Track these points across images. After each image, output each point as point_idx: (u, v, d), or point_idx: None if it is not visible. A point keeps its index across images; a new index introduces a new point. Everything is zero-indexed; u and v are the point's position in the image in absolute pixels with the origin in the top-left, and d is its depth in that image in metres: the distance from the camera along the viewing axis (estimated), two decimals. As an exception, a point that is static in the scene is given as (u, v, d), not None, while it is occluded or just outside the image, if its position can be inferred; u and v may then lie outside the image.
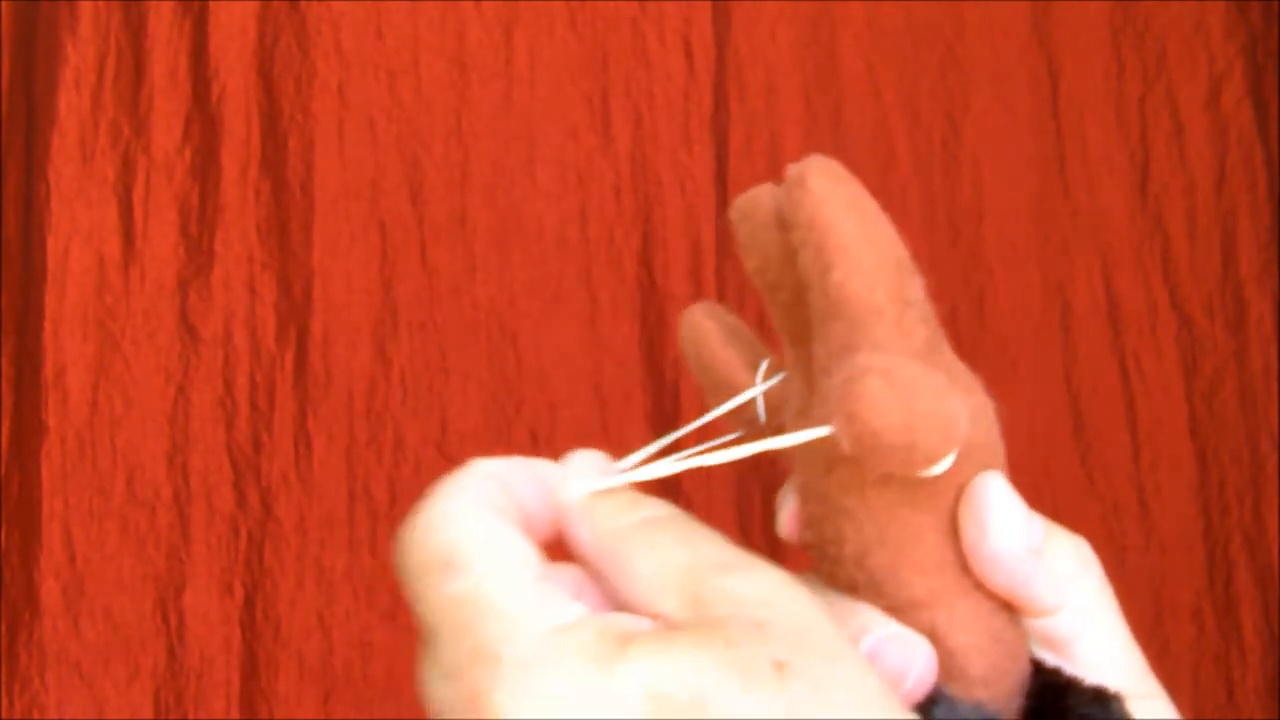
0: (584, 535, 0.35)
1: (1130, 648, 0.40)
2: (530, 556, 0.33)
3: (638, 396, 1.09)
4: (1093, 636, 0.40)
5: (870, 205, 0.38)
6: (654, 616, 0.32)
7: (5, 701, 0.98)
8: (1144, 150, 1.17)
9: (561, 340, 1.08)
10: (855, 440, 0.34)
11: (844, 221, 0.37)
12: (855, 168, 0.39)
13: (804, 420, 0.38)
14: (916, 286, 0.38)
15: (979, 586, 0.38)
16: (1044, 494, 1.11)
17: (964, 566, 0.37)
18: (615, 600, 0.34)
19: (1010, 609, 0.38)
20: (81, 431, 1.02)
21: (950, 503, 0.38)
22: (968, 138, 1.16)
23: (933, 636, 0.37)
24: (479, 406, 1.06)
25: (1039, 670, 0.39)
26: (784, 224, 0.38)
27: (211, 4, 1.09)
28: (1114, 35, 1.19)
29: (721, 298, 1.11)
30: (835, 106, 1.15)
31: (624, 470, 0.37)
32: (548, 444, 1.05)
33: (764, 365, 0.42)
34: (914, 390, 0.35)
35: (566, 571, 0.35)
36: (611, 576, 0.34)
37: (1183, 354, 1.14)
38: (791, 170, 0.38)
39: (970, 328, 1.12)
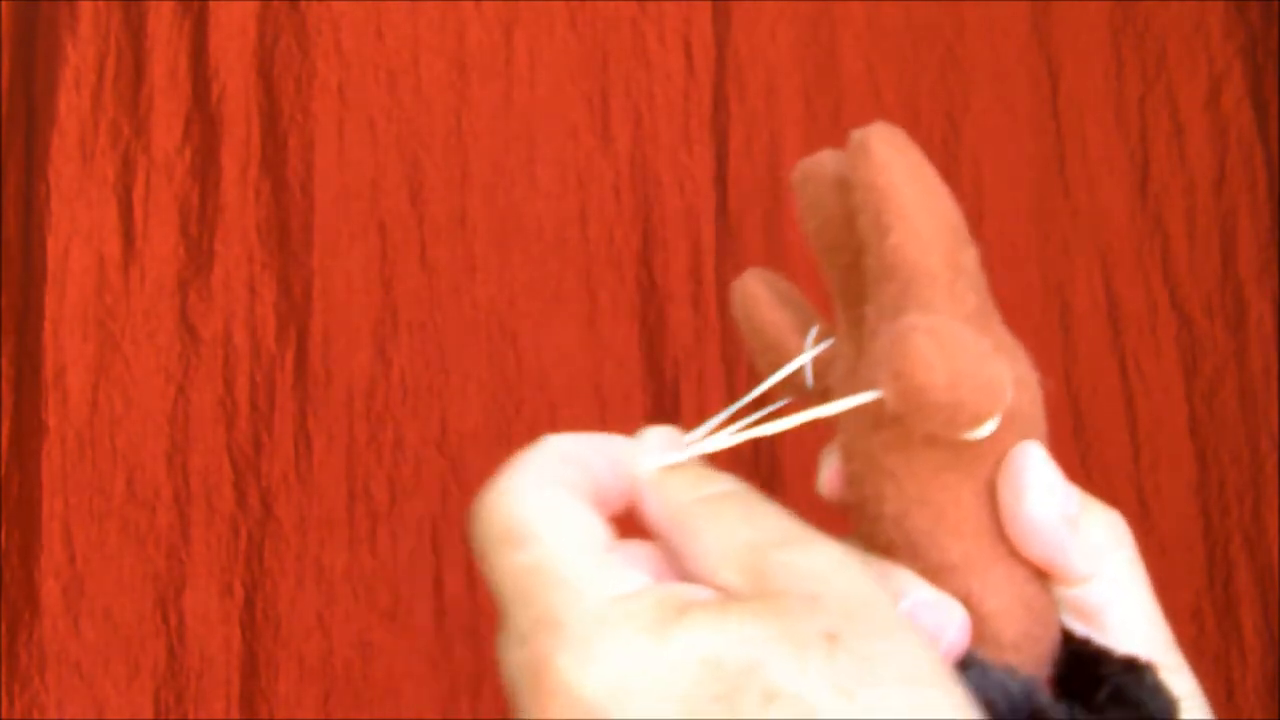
0: (654, 509, 0.36)
1: (1159, 621, 0.41)
2: (597, 530, 0.34)
3: (638, 396, 1.09)
4: (1123, 607, 0.40)
5: (930, 173, 0.38)
6: (716, 589, 0.33)
7: (5, 701, 0.98)
8: (1144, 150, 1.17)
9: (561, 340, 1.08)
10: (901, 397, 0.35)
11: (904, 187, 0.37)
12: None
13: (852, 382, 0.38)
14: (970, 256, 0.39)
15: (1013, 554, 0.38)
16: (1044, 494, 1.11)
17: (1000, 534, 0.38)
18: (684, 574, 0.35)
19: (1042, 577, 0.39)
20: (81, 431, 1.02)
21: (990, 469, 0.38)
22: (967, 138, 1.16)
23: (966, 601, 0.38)
24: (479, 406, 1.06)
25: (1069, 639, 0.40)
26: (845, 187, 0.39)
27: (211, 4, 1.09)
28: (1114, 35, 1.19)
29: (721, 297, 1.11)
30: (835, 106, 1.15)
31: (691, 444, 0.38)
32: (548, 444, 1.05)
33: (814, 331, 0.43)
34: (960, 350, 0.35)
35: (638, 547, 0.36)
36: (678, 549, 0.35)
37: (1183, 354, 1.14)
38: (855, 135, 0.38)
39: (970, 328, 1.12)
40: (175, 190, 1.07)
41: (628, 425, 0.42)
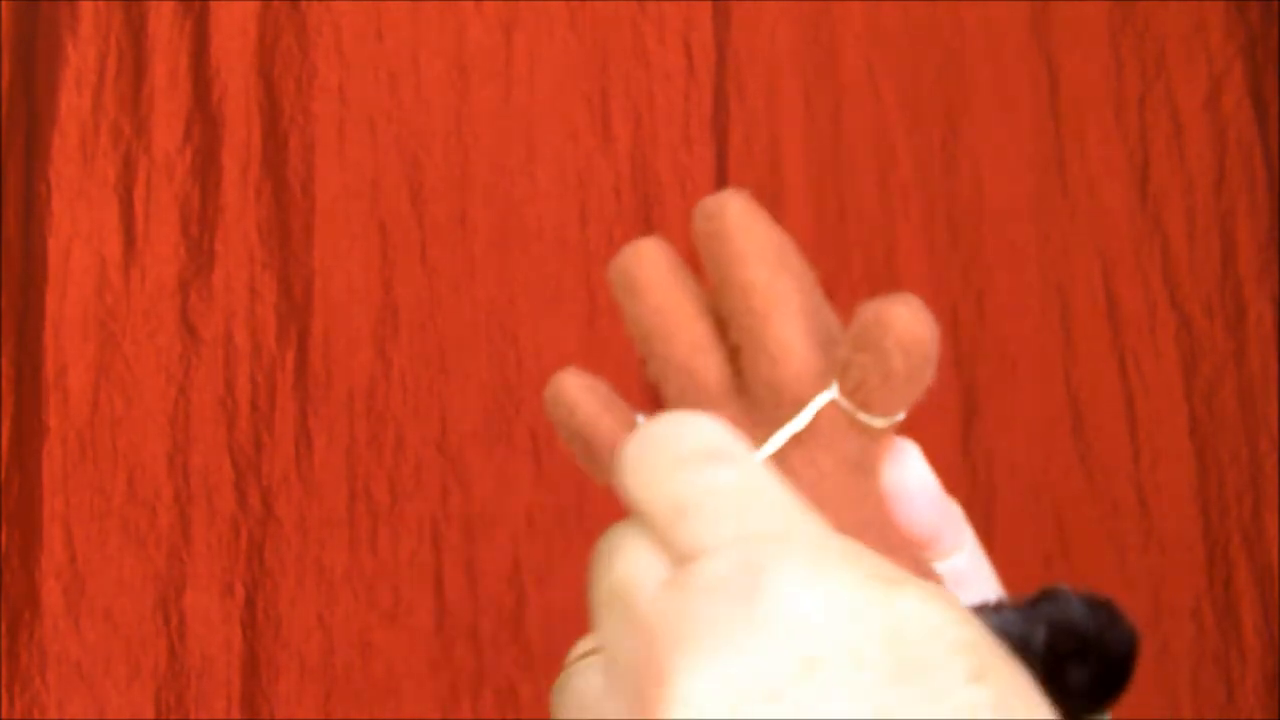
0: None
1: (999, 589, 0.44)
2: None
3: (638, 397, 1.09)
4: (980, 575, 0.43)
5: (775, 231, 0.44)
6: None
7: (6, 702, 0.98)
8: (1143, 150, 1.17)
9: (561, 340, 1.08)
10: (911, 352, 0.39)
11: (753, 243, 0.43)
12: (855, 168, 0.40)
13: (763, 415, 0.41)
14: (818, 294, 0.44)
15: (900, 546, 0.41)
16: (1043, 494, 1.11)
17: (886, 527, 0.41)
18: None
19: (921, 561, 0.42)
20: (82, 432, 1.03)
21: (877, 465, 0.41)
22: (967, 138, 1.16)
23: None
24: (479, 406, 1.07)
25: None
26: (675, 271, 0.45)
27: (212, 4, 1.09)
28: (1113, 35, 1.19)
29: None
30: (835, 106, 1.15)
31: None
32: (548, 444, 1.05)
33: (641, 418, 0.45)
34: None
35: None
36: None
37: (1182, 354, 1.14)
38: (708, 204, 0.44)
39: (970, 328, 1.12)
40: (176, 190, 1.07)
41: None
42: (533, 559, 1.04)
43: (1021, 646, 0.38)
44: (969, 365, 1.12)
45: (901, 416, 0.41)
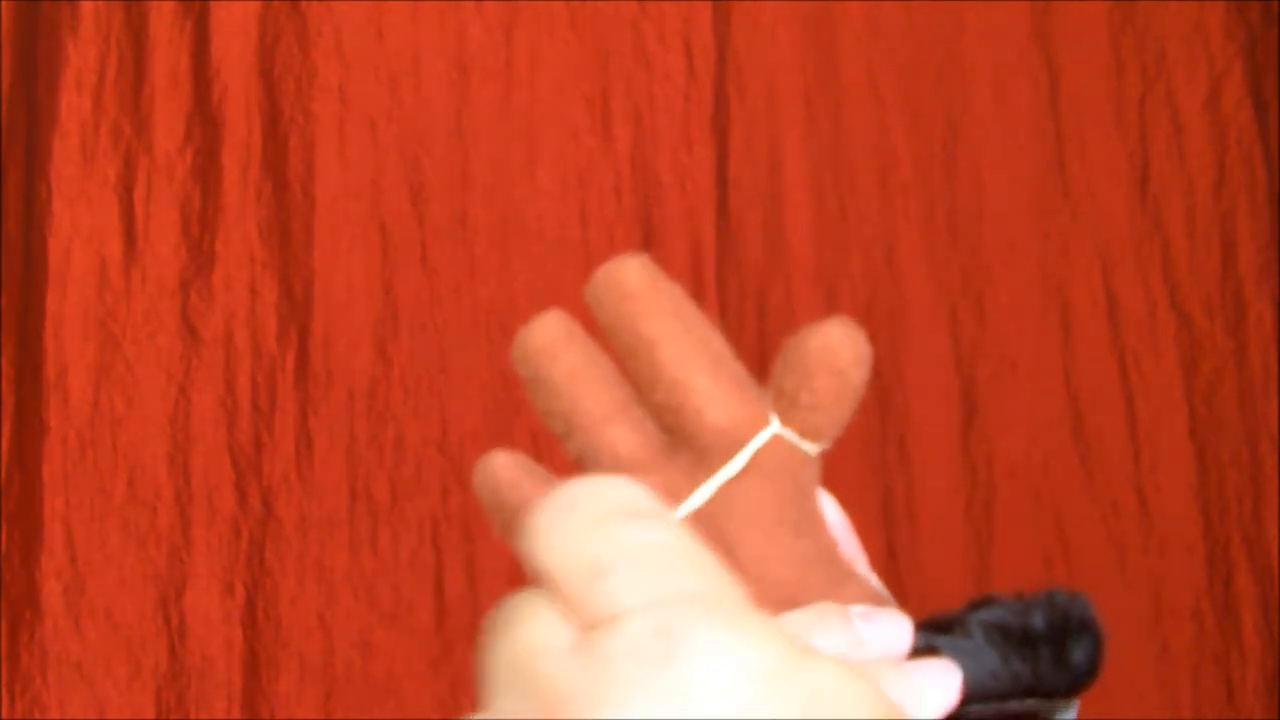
0: None
1: None
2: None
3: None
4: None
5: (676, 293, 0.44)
6: None
7: (6, 701, 0.98)
8: (1143, 150, 1.17)
9: (562, 340, 1.08)
10: (863, 367, 0.41)
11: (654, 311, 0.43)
12: (855, 168, 0.41)
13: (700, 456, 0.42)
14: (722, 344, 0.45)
15: (846, 575, 0.42)
16: (1044, 494, 1.11)
17: (832, 552, 0.42)
18: None
19: (868, 587, 0.43)
20: (83, 432, 1.03)
21: (814, 493, 0.43)
22: (967, 138, 1.16)
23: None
24: (479, 406, 1.07)
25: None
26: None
27: (213, 5, 1.09)
28: (1113, 36, 1.19)
29: (722, 297, 1.11)
30: (835, 106, 1.15)
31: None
32: (548, 444, 1.05)
33: None
34: None
35: None
36: None
37: (1182, 354, 1.14)
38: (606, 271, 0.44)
39: (970, 328, 1.12)
40: (176, 191, 1.07)
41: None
42: (533, 559, 1.04)
43: (1024, 632, 0.40)
44: (969, 365, 1.12)
45: (828, 444, 0.42)
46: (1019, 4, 1.19)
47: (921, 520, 1.09)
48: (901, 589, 0.45)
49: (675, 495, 0.41)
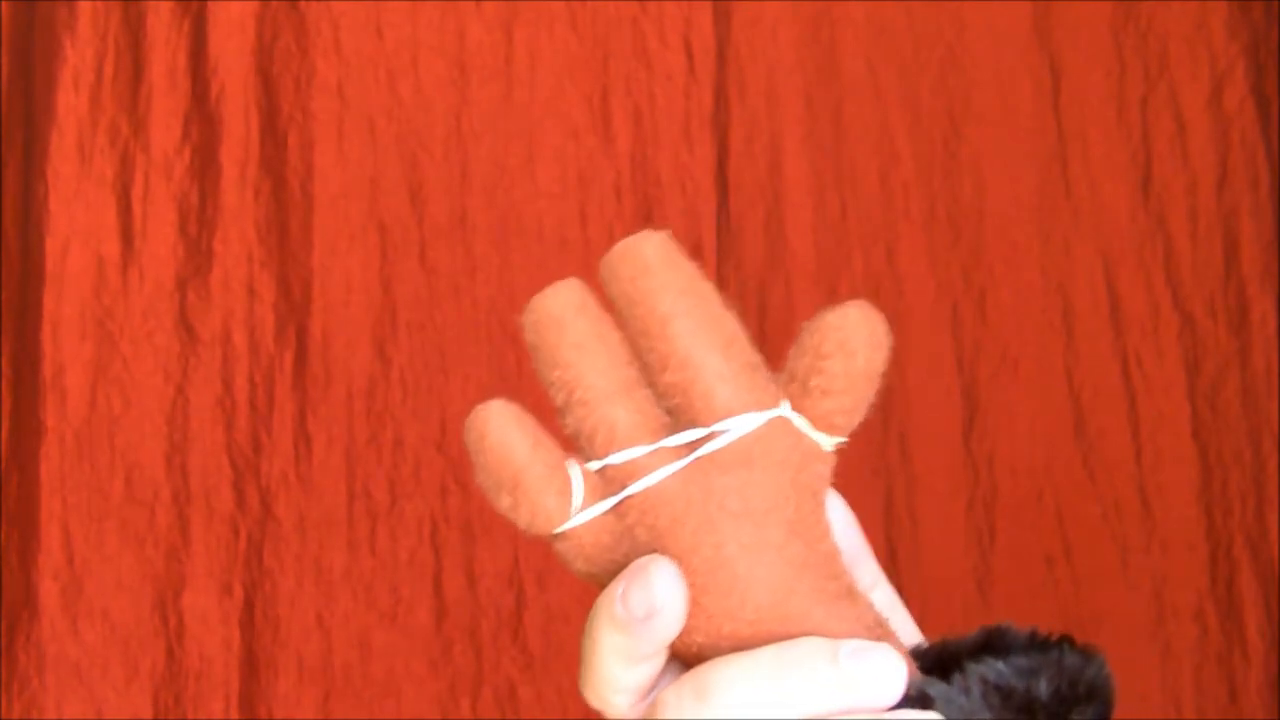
0: None
1: None
2: None
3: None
4: (896, 614, 0.43)
5: (695, 274, 0.42)
6: None
7: (4, 702, 0.98)
8: (1146, 150, 1.17)
9: (561, 340, 1.08)
10: (881, 350, 0.40)
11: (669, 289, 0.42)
12: (855, 168, 0.40)
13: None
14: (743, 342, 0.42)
15: (845, 591, 0.40)
16: (1045, 494, 1.10)
17: (831, 562, 0.39)
18: None
19: (863, 607, 0.40)
20: (80, 431, 1.02)
21: (822, 496, 0.40)
22: (969, 137, 1.16)
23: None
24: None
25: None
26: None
27: (210, 3, 1.09)
28: (1115, 35, 1.18)
29: (722, 296, 1.10)
30: (835, 106, 1.15)
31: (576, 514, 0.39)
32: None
33: (572, 462, 0.42)
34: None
35: None
36: None
37: (1185, 354, 1.14)
38: (623, 248, 0.43)
39: (971, 328, 1.12)
40: (174, 190, 1.06)
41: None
42: (532, 559, 1.04)
43: (1026, 699, 0.38)
44: (970, 365, 1.11)
45: (844, 440, 0.40)
46: (1021, 3, 1.18)
47: (922, 520, 1.09)
48: (902, 589, 0.44)
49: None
